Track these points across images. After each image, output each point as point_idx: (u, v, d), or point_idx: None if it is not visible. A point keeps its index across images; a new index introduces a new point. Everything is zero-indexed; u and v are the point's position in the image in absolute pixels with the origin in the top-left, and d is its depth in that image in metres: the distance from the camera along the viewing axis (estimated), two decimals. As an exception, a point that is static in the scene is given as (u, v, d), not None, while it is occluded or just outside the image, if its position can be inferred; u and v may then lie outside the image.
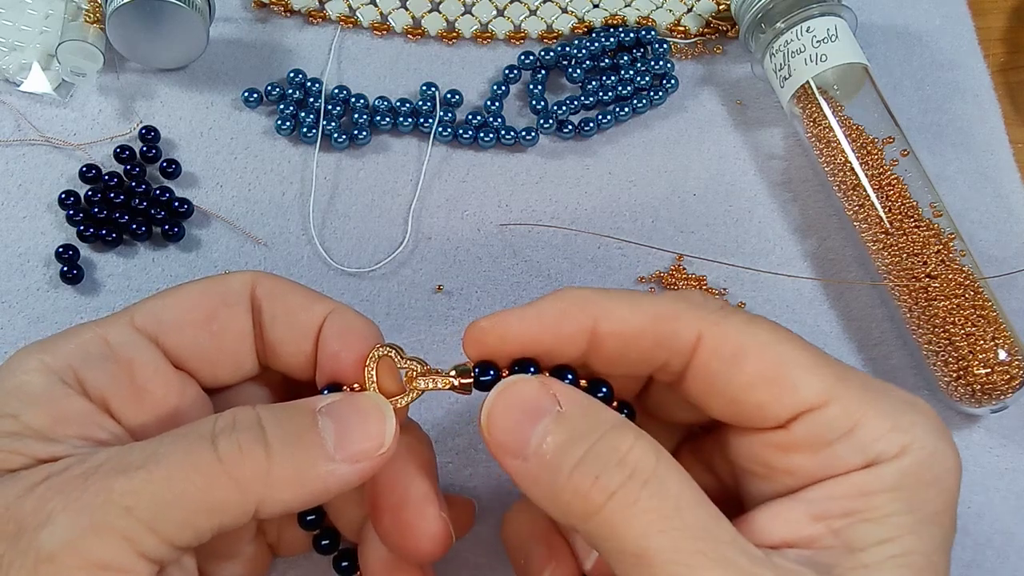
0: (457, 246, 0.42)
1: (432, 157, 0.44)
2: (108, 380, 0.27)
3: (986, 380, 0.37)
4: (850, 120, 0.42)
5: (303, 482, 0.25)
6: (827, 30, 0.42)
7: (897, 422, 0.25)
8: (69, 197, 0.41)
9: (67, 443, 0.25)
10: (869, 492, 0.24)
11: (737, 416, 0.26)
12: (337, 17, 0.47)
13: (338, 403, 0.27)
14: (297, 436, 0.25)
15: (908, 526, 0.24)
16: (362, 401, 0.27)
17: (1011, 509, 0.38)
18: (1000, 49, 0.48)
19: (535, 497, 0.26)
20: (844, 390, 0.25)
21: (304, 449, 0.25)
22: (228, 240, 0.42)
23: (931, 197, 0.40)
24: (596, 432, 0.25)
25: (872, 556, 0.24)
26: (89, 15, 0.43)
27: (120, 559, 0.23)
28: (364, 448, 0.26)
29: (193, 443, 0.24)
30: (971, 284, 0.38)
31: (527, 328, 0.27)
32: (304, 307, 0.29)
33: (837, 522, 0.24)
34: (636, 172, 0.44)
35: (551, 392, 0.26)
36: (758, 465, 0.26)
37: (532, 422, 0.25)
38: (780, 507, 0.25)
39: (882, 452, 0.24)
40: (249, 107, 0.44)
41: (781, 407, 0.25)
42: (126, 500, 0.23)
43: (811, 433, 0.25)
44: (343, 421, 0.26)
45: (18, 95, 0.44)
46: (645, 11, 0.47)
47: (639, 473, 0.24)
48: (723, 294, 0.42)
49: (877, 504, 0.24)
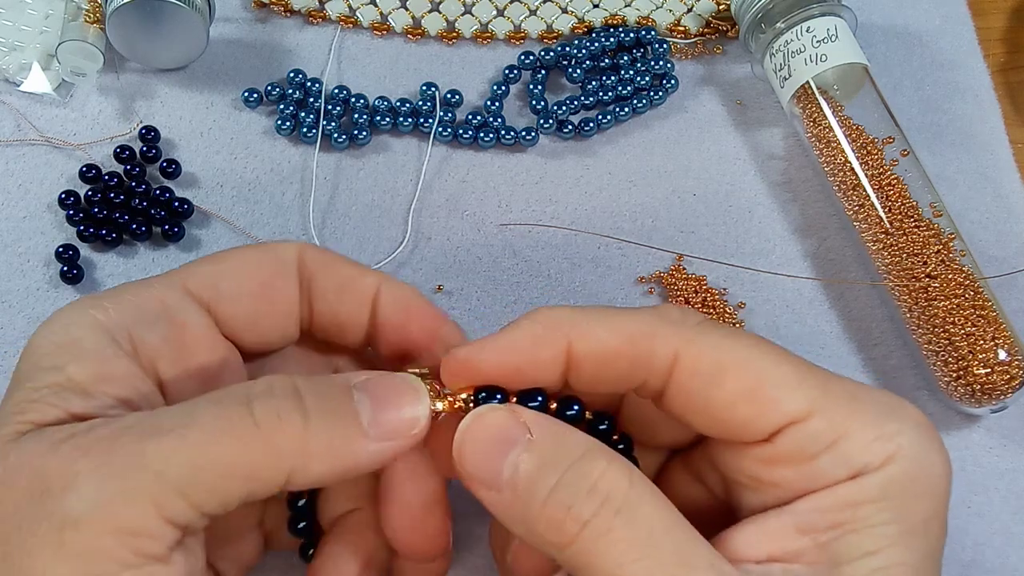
0: (457, 246, 0.42)
1: (432, 157, 0.44)
2: (160, 342, 0.27)
3: (986, 380, 0.37)
4: (850, 120, 0.42)
5: (337, 455, 0.25)
6: (827, 30, 0.42)
7: (881, 431, 0.25)
8: (69, 197, 0.41)
9: (102, 400, 0.25)
10: (855, 503, 0.24)
11: (721, 432, 0.26)
12: (337, 17, 0.47)
13: (374, 380, 0.26)
14: (333, 408, 0.25)
15: (894, 536, 0.24)
16: (398, 380, 0.27)
17: (1011, 509, 0.38)
18: (1000, 49, 0.48)
19: (511, 527, 0.25)
20: (827, 402, 0.25)
21: (340, 421, 0.25)
22: (228, 240, 0.42)
23: (931, 197, 0.40)
24: (567, 459, 0.24)
25: (856, 570, 0.23)
26: (89, 15, 0.43)
27: (148, 524, 0.23)
28: (398, 426, 0.26)
29: (229, 407, 0.24)
30: (971, 284, 0.38)
31: (502, 357, 0.26)
32: (355, 278, 0.30)
33: (823, 535, 0.24)
34: (636, 172, 0.44)
35: (521, 420, 0.25)
36: (745, 477, 0.26)
37: (503, 452, 0.25)
38: (767, 521, 0.25)
39: (867, 463, 0.24)
40: (249, 107, 0.44)
41: (764, 422, 0.25)
42: (157, 464, 0.23)
43: (795, 446, 0.25)
44: (379, 398, 0.26)
45: (18, 95, 0.44)
46: (645, 11, 0.47)
47: (611, 501, 0.23)
48: (723, 294, 0.42)
49: (863, 515, 0.24)
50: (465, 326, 0.41)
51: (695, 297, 0.41)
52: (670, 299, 0.41)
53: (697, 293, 0.41)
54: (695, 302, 0.41)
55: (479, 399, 0.27)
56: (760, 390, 0.25)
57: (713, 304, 0.41)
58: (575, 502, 0.24)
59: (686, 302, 0.41)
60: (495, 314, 0.41)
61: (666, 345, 0.26)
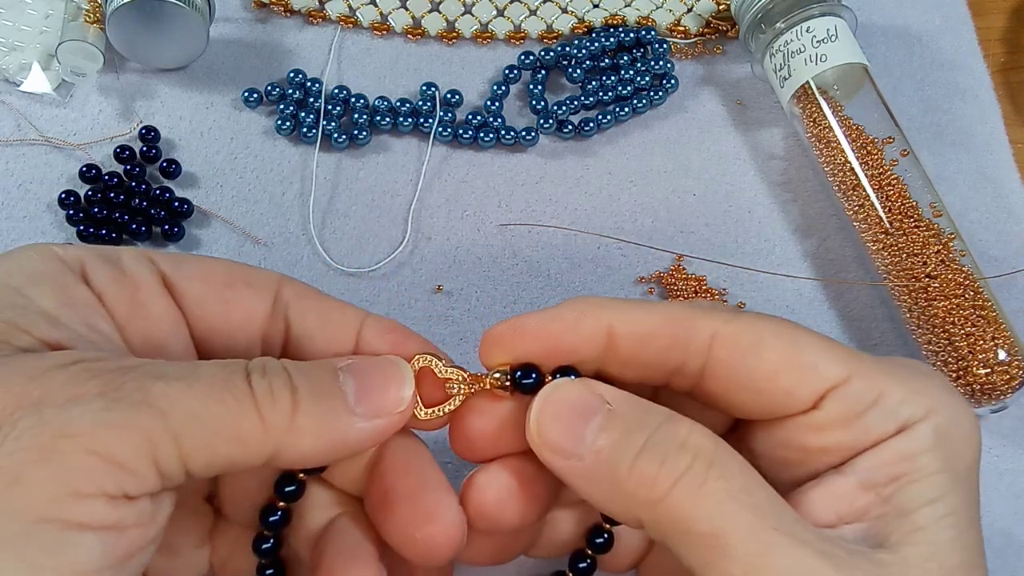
0: (457, 246, 0.42)
1: (432, 157, 0.44)
2: (111, 284, 0.27)
3: (986, 380, 0.37)
4: (850, 120, 0.42)
5: (324, 432, 0.25)
6: (827, 30, 0.42)
7: (915, 387, 0.25)
8: (69, 197, 0.41)
9: (71, 330, 0.25)
10: (910, 455, 0.25)
11: (764, 406, 0.26)
12: (337, 17, 0.47)
13: (358, 363, 0.27)
14: (320, 388, 0.26)
15: (949, 483, 0.25)
16: (381, 361, 0.27)
17: (1011, 509, 0.38)
18: (1000, 49, 0.48)
19: (593, 495, 0.26)
20: (860, 365, 0.26)
21: (327, 400, 0.26)
22: (228, 240, 0.42)
23: (931, 197, 0.40)
24: (652, 423, 0.25)
25: (924, 518, 0.24)
26: (89, 15, 0.43)
27: (136, 462, 0.22)
28: (383, 404, 0.26)
29: (232, 372, 0.25)
30: (971, 284, 0.38)
31: (544, 329, 0.27)
32: (339, 309, 0.29)
33: (886, 488, 0.25)
34: (636, 172, 0.44)
35: (598, 392, 0.26)
36: (792, 451, 0.27)
37: (584, 422, 0.26)
38: (829, 483, 0.26)
39: (911, 415, 0.25)
40: (249, 107, 0.44)
41: (808, 389, 0.26)
42: (162, 403, 0.23)
43: (843, 407, 0.25)
44: (363, 379, 0.26)
45: (18, 95, 0.44)
46: (645, 11, 0.47)
47: (702, 456, 0.24)
48: (723, 294, 0.42)
49: (920, 465, 0.25)
50: (465, 326, 0.41)
51: (695, 297, 0.41)
52: (670, 299, 0.41)
53: (697, 293, 0.41)
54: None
55: (515, 378, 0.27)
56: (800, 358, 0.26)
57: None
58: (667, 457, 0.24)
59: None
60: (495, 314, 0.41)
61: (704, 326, 0.26)
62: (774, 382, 0.26)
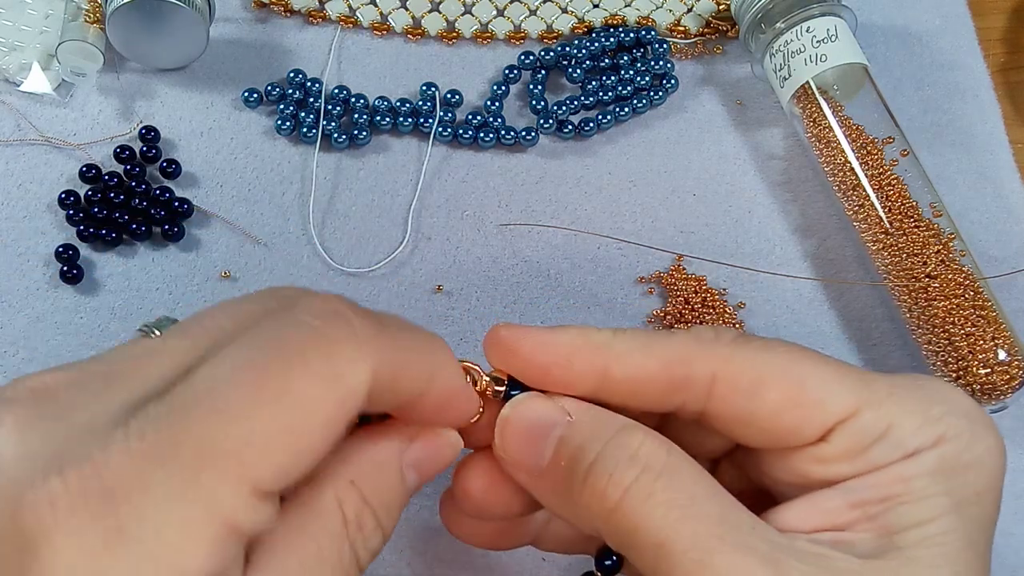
0: (457, 246, 0.42)
1: (432, 157, 0.44)
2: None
3: (986, 380, 0.37)
4: (850, 120, 0.42)
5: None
6: (827, 30, 0.42)
7: (928, 415, 0.25)
8: (69, 197, 0.41)
9: None
10: (907, 478, 0.24)
11: (767, 441, 0.26)
12: (337, 17, 0.47)
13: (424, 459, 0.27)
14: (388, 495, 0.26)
15: (946, 507, 0.24)
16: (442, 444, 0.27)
17: (1011, 509, 0.38)
18: (1000, 49, 0.48)
19: (554, 507, 0.26)
20: (871, 395, 0.25)
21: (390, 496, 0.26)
22: (228, 240, 0.42)
23: (931, 197, 0.40)
24: (606, 434, 0.25)
25: (908, 538, 0.24)
26: (89, 15, 0.43)
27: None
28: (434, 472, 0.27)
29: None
30: (971, 284, 0.38)
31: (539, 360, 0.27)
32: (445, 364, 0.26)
33: (874, 508, 0.24)
34: (636, 172, 0.44)
35: (560, 405, 0.26)
36: (796, 477, 0.26)
37: (543, 436, 0.26)
38: (817, 497, 0.25)
39: (919, 445, 0.25)
40: (249, 107, 0.44)
41: (812, 425, 0.25)
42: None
43: (849, 442, 0.25)
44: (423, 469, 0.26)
45: (18, 95, 0.44)
46: (645, 11, 0.47)
47: (651, 467, 0.24)
48: (723, 294, 0.42)
49: (915, 488, 0.24)
50: (465, 326, 0.41)
51: (695, 297, 0.41)
52: (670, 299, 0.41)
53: (697, 293, 0.41)
54: (695, 302, 0.41)
55: (508, 394, 0.27)
56: (803, 395, 0.25)
57: (713, 304, 0.41)
58: (616, 469, 0.24)
59: (686, 302, 0.41)
60: (495, 314, 0.41)
61: (703, 368, 0.26)
62: (778, 421, 0.25)
